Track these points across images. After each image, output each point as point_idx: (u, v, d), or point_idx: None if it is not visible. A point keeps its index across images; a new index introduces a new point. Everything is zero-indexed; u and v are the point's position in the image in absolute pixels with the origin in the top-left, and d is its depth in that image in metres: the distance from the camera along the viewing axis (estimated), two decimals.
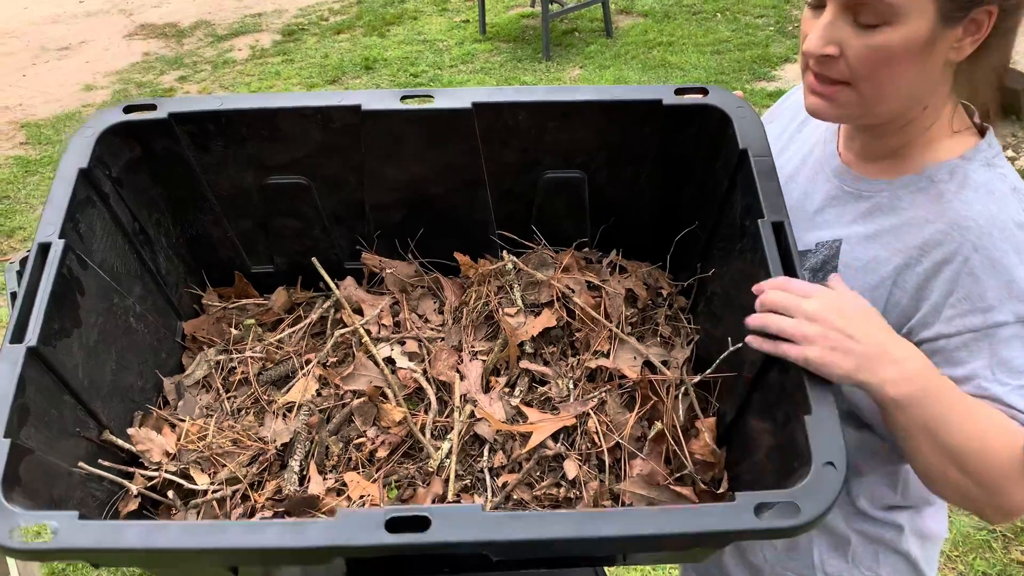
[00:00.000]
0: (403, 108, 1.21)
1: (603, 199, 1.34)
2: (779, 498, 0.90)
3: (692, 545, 0.92)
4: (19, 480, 0.93)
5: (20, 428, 0.96)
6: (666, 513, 0.91)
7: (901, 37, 0.94)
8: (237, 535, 0.88)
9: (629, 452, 1.16)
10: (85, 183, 1.14)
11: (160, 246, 1.32)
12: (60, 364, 1.04)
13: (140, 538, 0.87)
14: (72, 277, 1.09)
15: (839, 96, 1.02)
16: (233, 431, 1.19)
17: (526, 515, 0.90)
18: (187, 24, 7.01)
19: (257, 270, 1.42)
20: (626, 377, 1.21)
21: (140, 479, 1.11)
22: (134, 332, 1.23)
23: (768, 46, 5.45)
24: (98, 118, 1.19)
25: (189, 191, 1.29)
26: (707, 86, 1.21)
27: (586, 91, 1.22)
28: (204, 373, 1.29)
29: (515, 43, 6.05)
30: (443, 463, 1.17)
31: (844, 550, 1.21)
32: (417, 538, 0.87)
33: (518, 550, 0.89)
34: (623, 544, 0.89)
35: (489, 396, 1.24)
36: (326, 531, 0.88)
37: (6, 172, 4.89)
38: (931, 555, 1.26)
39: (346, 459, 1.19)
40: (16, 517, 0.88)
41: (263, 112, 1.21)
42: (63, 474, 1.03)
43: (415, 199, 1.34)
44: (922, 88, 1.01)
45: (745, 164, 1.14)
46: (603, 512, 0.91)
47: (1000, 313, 0.98)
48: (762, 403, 1.09)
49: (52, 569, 2.54)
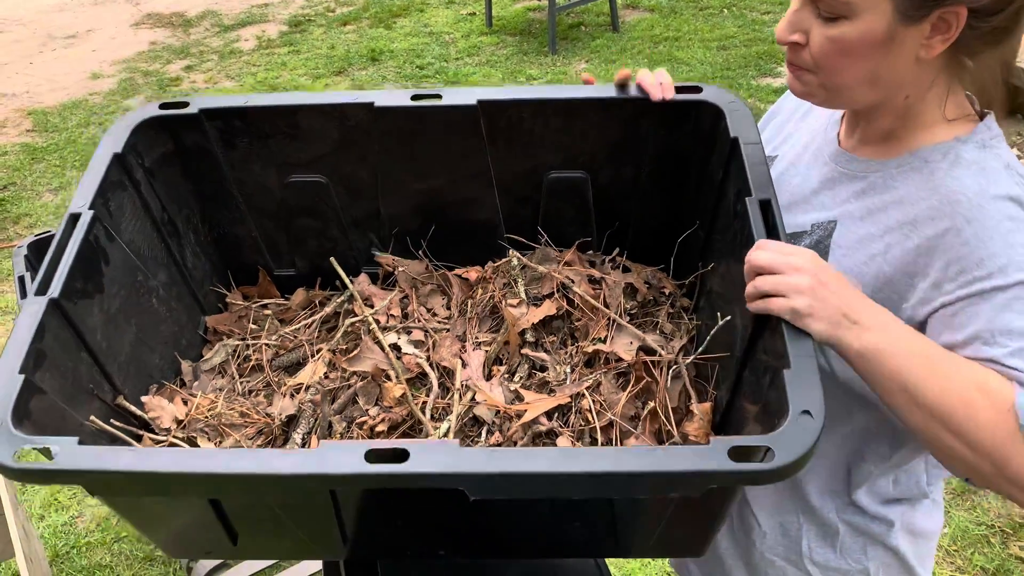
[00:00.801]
0: (412, 105, 1.29)
1: (606, 200, 1.39)
2: (754, 442, 0.91)
3: (668, 488, 0.93)
4: (29, 414, 0.99)
5: (35, 370, 1.03)
6: (643, 452, 0.92)
7: (858, 32, 0.99)
8: (222, 461, 0.92)
9: (623, 430, 1.17)
10: (118, 167, 1.24)
11: (188, 241, 1.40)
12: (80, 320, 1.11)
13: (133, 462, 0.92)
14: (98, 246, 1.17)
15: (805, 78, 1.07)
16: (242, 406, 1.24)
17: (503, 450, 0.92)
18: (194, 14, 6.99)
19: (280, 273, 1.50)
20: (622, 360, 1.23)
21: (148, 441, 1.16)
22: (156, 313, 1.30)
23: (774, 42, 5.33)
24: (135, 113, 1.30)
25: (217, 188, 1.39)
26: (701, 84, 1.27)
27: (583, 89, 1.29)
28: (222, 359, 1.35)
29: (521, 36, 6.01)
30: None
31: (833, 540, 1.20)
32: (395, 468, 0.89)
33: (494, 485, 0.91)
34: (598, 482, 0.89)
35: (490, 383, 1.27)
36: (307, 460, 0.91)
37: (13, 159, 4.90)
38: (923, 552, 1.22)
39: (348, 436, 1.23)
40: (20, 440, 0.93)
41: (284, 109, 1.31)
42: (74, 424, 1.08)
43: (427, 202, 1.41)
44: (888, 81, 1.04)
45: (736, 152, 1.18)
46: (581, 449, 0.92)
47: (997, 278, 0.98)
48: (752, 382, 1.10)
49: (55, 552, 2.56)
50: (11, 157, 4.95)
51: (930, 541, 1.24)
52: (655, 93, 1.25)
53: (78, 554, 2.57)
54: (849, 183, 1.15)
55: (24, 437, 0.94)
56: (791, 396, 0.93)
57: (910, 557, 1.21)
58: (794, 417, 0.92)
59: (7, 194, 4.57)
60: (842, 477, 1.20)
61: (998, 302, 0.98)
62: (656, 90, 1.25)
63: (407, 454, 0.90)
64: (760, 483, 0.92)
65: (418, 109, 1.29)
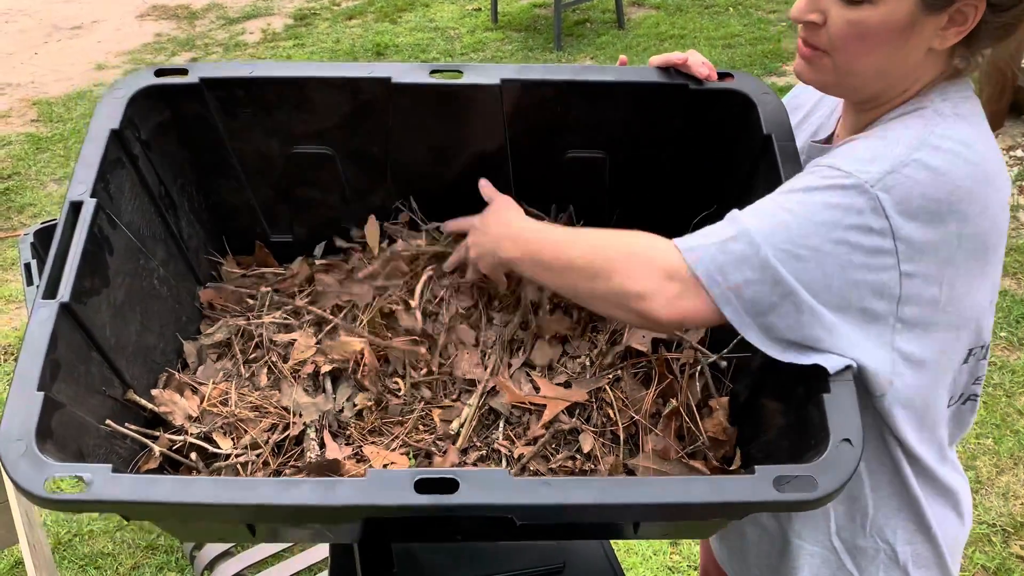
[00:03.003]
0: (432, 82, 1.22)
1: (624, 181, 1.36)
2: (798, 472, 0.92)
3: (713, 515, 0.95)
4: (51, 433, 0.95)
5: (53, 383, 0.97)
6: (690, 482, 0.93)
7: (880, 17, 0.97)
8: (269, 492, 0.89)
9: (644, 428, 1.18)
10: (116, 144, 1.15)
11: (183, 211, 1.33)
12: (90, 321, 1.05)
13: (172, 492, 0.89)
14: (103, 236, 1.10)
15: (818, 60, 1.04)
16: (254, 396, 1.21)
17: (553, 480, 0.91)
18: (199, 6, 7.00)
19: (276, 239, 1.43)
20: (642, 355, 1.23)
21: (165, 440, 1.13)
22: (157, 294, 1.24)
23: (780, 41, 5.48)
24: (130, 80, 1.20)
25: (215, 157, 1.30)
26: (732, 71, 1.23)
27: (612, 72, 1.24)
28: (223, 337, 1.31)
29: (527, 32, 6.04)
30: (459, 431, 1.19)
31: (863, 519, 1.17)
32: (446, 499, 0.89)
33: (544, 514, 0.92)
34: (648, 512, 0.91)
35: (506, 371, 1.26)
36: (356, 490, 0.89)
37: (17, 149, 4.90)
38: (954, 543, 1.22)
39: (358, 427, 1.21)
40: (50, 468, 0.89)
41: (292, 81, 1.22)
42: (90, 430, 1.04)
43: (438, 174, 1.35)
44: (897, 70, 1.02)
45: (769, 149, 1.16)
46: (629, 479, 0.93)
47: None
48: (776, 384, 1.11)
49: (57, 540, 2.56)
50: (16, 147, 4.92)
51: (963, 528, 1.24)
52: (702, 72, 1.22)
53: (80, 542, 2.55)
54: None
55: (53, 464, 0.90)
56: (831, 423, 0.95)
57: (942, 545, 1.19)
58: (835, 444, 0.94)
59: (12, 183, 4.55)
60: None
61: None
62: (703, 69, 1.22)
63: (457, 484, 0.90)
64: (802, 510, 0.95)
65: (437, 87, 1.22)
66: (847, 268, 0.95)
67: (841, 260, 0.95)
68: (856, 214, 0.94)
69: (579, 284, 1.08)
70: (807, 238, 0.95)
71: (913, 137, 0.98)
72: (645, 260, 1.02)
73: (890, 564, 1.18)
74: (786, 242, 0.96)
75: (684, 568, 2.34)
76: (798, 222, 0.96)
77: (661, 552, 2.38)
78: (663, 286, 1.00)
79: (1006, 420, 2.78)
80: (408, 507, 0.89)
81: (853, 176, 0.95)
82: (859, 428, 0.94)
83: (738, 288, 0.97)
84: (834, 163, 0.99)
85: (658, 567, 2.35)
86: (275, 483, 0.90)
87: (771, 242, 0.96)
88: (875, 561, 1.18)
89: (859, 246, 0.95)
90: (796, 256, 0.95)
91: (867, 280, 0.96)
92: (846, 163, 0.97)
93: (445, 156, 1.33)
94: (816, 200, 0.97)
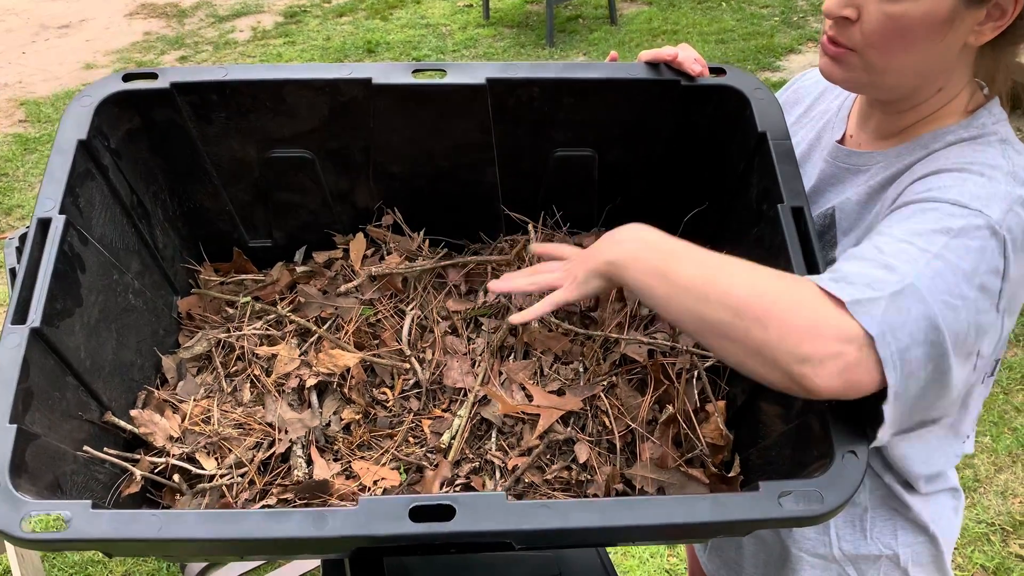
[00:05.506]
0: (415, 82, 1.17)
1: (613, 178, 1.32)
2: (803, 487, 0.90)
3: (718, 534, 0.93)
4: (26, 466, 0.90)
5: (25, 413, 0.93)
6: (692, 501, 0.90)
7: (922, 11, 0.93)
8: (257, 525, 0.86)
9: (640, 435, 1.16)
10: (84, 155, 1.10)
11: (157, 219, 1.27)
12: (63, 345, 1.00)
13: (156, 528, 0.85)
14: (73, 254, 1.05)
15: (847, 59, 1.00)
16: (237, 413, 1.17)
17: (551, 503, 0.89)
18: (188, 4, 6.89)
19: (255, 244, 1.39)
20: (636, 361, 1.20)
21: (146, 463, 1.08)
22: (133, 309, 1.19)
23: (773, 36, 5.43)
24: (97, 87, 1.14)
25: (188, 163, 1.25)
26: (725, 66, 1.19)
27: (601, 68, 1.20)
28: (203, 350, 1.26)
29: (519, 29, 6.00)
30: (451, 444, 1.15)
31: (861, 522, 1.17)
32: (442, 527, 0.86)
33: (543, 539, 0.89)
34: (650, 533, 0.88)
35: (497, 380, 1.23)
36: (348, 521, 0.86)
37: (5, 150, 4.79)
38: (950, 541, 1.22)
39: (346, 441, 1.17)
40: (26, 506, 0.85)
41: (269, 84, 1.17)
42: (66, 457, 1.00)
43: (422, 174, 1.31)
44: (934, 67, 0.99)
45: (763, 147, 1.13)
46: (630, 500, 0.90)
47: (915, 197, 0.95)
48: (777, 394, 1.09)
49: (52, 564, 2.50)
50: (3, 148, 4.80)
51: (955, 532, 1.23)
52: (695, 70, 1.18)
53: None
54: (852, 177, 1.11)
55: (30, 502, 0.85)
56: (835, 433, 0.93)
57: (941, 542, 1.18)
58: (840, 458, 0.91)
59: None
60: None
61: (879, 231, 0.94)
62: (695, 67, 1.18)
63: (453, 511, 0.87)
64: (808, 525, 0.93)
65: (419, 87, 1.18)
66: (979, 313, 0.89)
67: (978, 306, 0.88)
68: (992, 257, 0.89)
69: (721, 320, 0.89)
70: (959, 287, 0.87)
71: (1005, 171, 0.94)
72: (810, 313, 0.86)
73: (891, 567, 1.17)
74: (945, 293, 0.87)
75: (681, 571, 2.33)
76: (951, 270, 0.87)
77: (658, 555, 2.36)
78: (838, 351, 0.83)
79: (1003, 417, 2.74)
80: (403, 537, 0.86)
81: (983, 215, 0.90)
82: (863, 439, 0.92)
83: (905, 351, 0.85)
84: (959, 199, 0.92)
85: (655, 569, 2.33)
86: (262, 516, 0.86)
87: (936, 296, 0.86)
88: (876, 564, 1.17)
89: (990, 290, 0.89)
90: (953, 308, 0.87)
91: (983, 322, 0.90)
92: (973, 202, 0.91)
93: (430, 157, 1.29)
94: (960, 244, 0.89)
